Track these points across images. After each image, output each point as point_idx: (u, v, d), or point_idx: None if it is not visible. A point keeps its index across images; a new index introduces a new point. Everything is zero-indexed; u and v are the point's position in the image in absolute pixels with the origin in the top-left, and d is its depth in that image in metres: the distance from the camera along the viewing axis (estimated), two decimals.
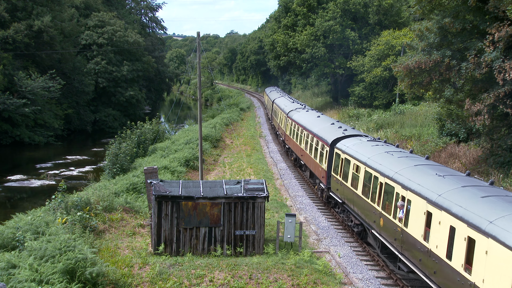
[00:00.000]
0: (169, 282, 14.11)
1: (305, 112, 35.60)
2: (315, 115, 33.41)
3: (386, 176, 16.98)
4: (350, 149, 21.38)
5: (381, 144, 21.15)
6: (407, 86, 26.44)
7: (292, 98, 52.59)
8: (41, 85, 52.15)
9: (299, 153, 32.20)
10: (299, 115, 34.94)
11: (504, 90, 20.50)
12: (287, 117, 38.06)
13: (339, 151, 22.50)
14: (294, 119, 34.50)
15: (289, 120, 36.61)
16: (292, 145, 35.30)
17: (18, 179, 38.09)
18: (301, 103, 44.23)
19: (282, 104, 45.81)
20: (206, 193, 16.56)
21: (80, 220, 17.21)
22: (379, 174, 17.60)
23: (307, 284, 14.75)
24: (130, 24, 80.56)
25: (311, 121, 31.05)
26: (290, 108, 39.54)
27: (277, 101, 50.34)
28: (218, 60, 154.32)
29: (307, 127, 29.83)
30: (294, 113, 36.38)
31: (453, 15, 23.23)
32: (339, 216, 23.29)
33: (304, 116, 33.90)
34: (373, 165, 18.38)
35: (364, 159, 19.38)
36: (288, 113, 38.09)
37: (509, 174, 23.03)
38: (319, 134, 26.52)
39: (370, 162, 18.82)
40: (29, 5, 55.95)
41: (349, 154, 21.18)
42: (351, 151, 21.16)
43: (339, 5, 61.07)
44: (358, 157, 20.09)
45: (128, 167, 30.46)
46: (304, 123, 31.46)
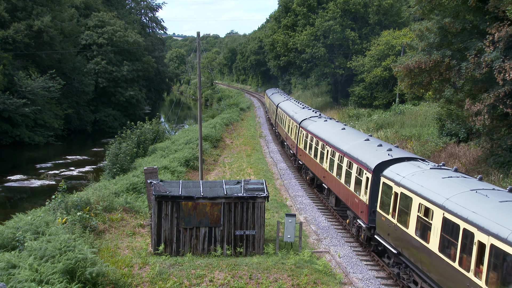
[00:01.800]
0: (169, 282, 14.11)
1: (323, 122, 29.84)
2: (338, 127, 27.71)
3: (496, 237, 10.88)
4: (409, 182, 15.52)
5: (455, 175, 15.15)
6: (407, 86, 26.44)
7: (300, 103, 46.13)
8: (41, 85, 52.14)
9: (320, 173, 26.49)
10: (316, 126, 29.40)
11: (504, 90, 20.50)
12: (299, 127, 32.45)
13: (390, 182, 16.69)
14: (311, 131, 28.99)
15: (303, 132, 31.10)
16: (309, 162, 29.44)
17: (18, 179, 38.09)
18: (314, 110, 37.90)
19: (290, 110, 40.14)
20: (206, 193, 16.56)
21: (80, 220, 17.21)
22: (479, 231, 11.49)
23: (307, 284, 14.75)
24: (130, 24, 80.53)
25: (335, 134, 25.56)
26: (302, 116, 33.88)
27: (283, 106, 44.44)
28: (218, 60, 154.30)
29: (332, 142, 24.30)
30: (309, 123, 30.81)
31: (453, 15, 23.23)
32: (390, 269, 17.32)
33: (324, 127, 28.27)
34: (463, 214, 12.30)
35: (441, 200, 13.41)
36: (301, 122, 32.41)
37: (509, 174, 23.03)
38: (353, 155, 20.81)
39: (455, 207, 12.76)
40: (29, 5, 55.93)
41: (408, 188, 15.25)
42: (412, 184, 15.25)
43: (339, 5, 61.08)
44: (427, 195, 14.15)
45: (128, 167, 30.46)
46: (326, 137, 25.74)
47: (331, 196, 24.61)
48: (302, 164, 31.86)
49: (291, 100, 48.48)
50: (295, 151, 34.20)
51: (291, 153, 36.70)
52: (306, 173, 31.17)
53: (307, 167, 29.83)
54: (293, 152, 35.00)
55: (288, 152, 39.20)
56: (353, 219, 20.83)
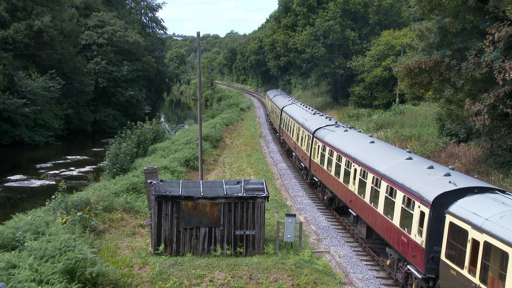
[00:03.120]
0: (169, 282, 14.11)
1: (344, 133, 25.22)
2: (365, 139, 22.87)
3: None
4: (499, 228, 11.23)
5: None
6: (407, 86, 26.44)
7: (308, 107, 40.89)
8: (41, 85, 52.15)
9: (344, 195, 21.84)
10: (335, 137, 24.81)
11: (504, 90, 20.50)
12: (313, 138, 28.00)
13: (464, 224, 12.42)
14: (330, 143, 24.49)
15: (319, 143, 26.64)
16: (327, 180, 24.65)
17: (18, 179, 38.08)
18: (327, 116, 33.51)
19: (298, 115, 35.56)
20: (206, 193, 16.56)
21: (80, 220, 17.22)
22: None
23: (307, 284, 14.75)
24: (130, 24, 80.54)
25: (363, 149, 20.86)
26: (315, 124, 29.40)
27: (289, 111, 40.16)
28: (218, 60, 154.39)
29: (361, 160, 19.76)
30: (325, 133, 26.40)
31: (453, 15, 23.24)
32: None
33: (346, 139, 23.59)
34: None
35: None
36: (316, 132, 27.91)
37: (509, 174, 23.04)
38: (396, 179, 16.28)
39: None
40: (29, 5, 55.94)
41: (501, 239, 10.96)
42: (506, 233, 10.93)
43: (339, 5, 61.08)
44: None
45: (128, 167, 30.46)
46: (352, 152, 21.06)
47: (360, 224, 20.11)
48: (318, 181, 26.82)
49: (297, 104, 44.17)
50: (307, 165, 29.23)
51: (302, 166, 32.03)
52: (323, 191, 26.33)
53: (325, 185, 25.16)
54: (305, 165, 30.46)
55: (298, 164, 34.37)
56: (397, 262, 16.36)
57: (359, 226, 20.32)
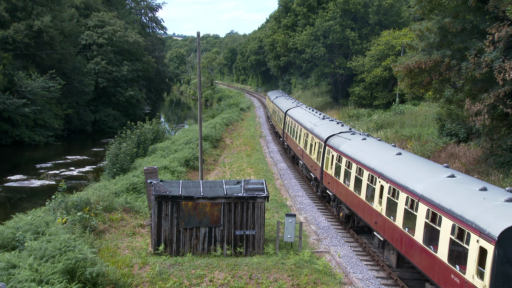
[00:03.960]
0: (169, 282, 14.11)
1: (363, 142, 22.22)
2: (389, 150, 19.89)
3: None
4: None
5: None
6: (407, 86, 26.45)
7: (316, 111, 37.25)
8: (41, 85, 52.17)
9: (366, 215, 19.07)
10: (353, 146, 21.89)
11: (504, 90, 20.51)
12: (325, 146, 25.13)
13: None
14: (347, 154, 21.58)
15: (333, 153, 23.69)
16: (344, 195, 21.79)
17: (18, 179, 38.09)
18: (338, 121, 30.61)
19: (305, 120, 32.47)
20: (206, 193, 16.57)
21: (80, 220, 17.23)
22: None
23: (307, 284, 14.75)
24: (130, 24, 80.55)
25: (390, 163, 18.09)
26: (327, 131, 26.38)
27: (294, 115, 37.11)
28: (218, 60, 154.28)
29: (390, 176, 17.00)
30: (340, 142, 23.37)
31: (453, 15, 23.25)
32: None
33: (366, 150, 20.73)
34: None
35: None
36: (328, 140, 25.02)
37: (509, 174, 23.04)
38: (441, 202, 13.58)
39: None
40: (29, 5, 55.96)
41: None
42: None
43: (339, 5, 61.09)
44: None
45: (128, 167, 30.47)
46: (377, 166, 18.33)
47: (388, 250, 17.41)
48: (332, 195, 23.78)
49: (303, 107, 40.94)
50: (318, 176, 26.45)
51: (311, 177, 28.93)
52: (338, 207, 23.35)
53: (341, 200, 22.32)
54: (315, 176, 27.42)
55: (305, 173, 31.71)
56: None
57: (387, 252, 17.59)
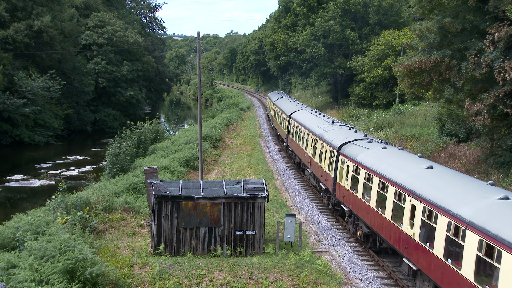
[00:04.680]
0: (169, 282, 14.11)
1: (383, 151, 19.67)
2: (416, 162, 17.37)
3: None
4: None
5: None
6: (407, 86, 26.46)
7: (323, 115, 34.77)
8: (41, 85, 52.15)
9: (392, 237, 16.52)
10: (372, 156, 19.33)
11: (504, 90, 20.51)
12: (339, 156, 22.64)
13: None
14: (367, 166, 18.93)
15: (348, 163, 21.20)
16: (364, 211, 19.06)
17: (18, 179, 38.09)
18: (350, 126, 27.94)
19: (313, 125, 29.95)
20: (206, 193, 16.56)
21: (80, 220, 17.22)
22: None
23: (307, 284, 14.75)
24: (130, 24, 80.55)
25: (420, 177, 15.46)
26: (340, 138, 23.98)
27: (299, 118, 34.52)
28: (218, 60, 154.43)
29: (424, 195, 14.28)
30: (358, 151, 20.73)
31: (453, 15, 23.25)
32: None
33: (389, 160, 18.15)
34: None
35: None
36: (342, 148, 22.55)
37: (509, 174, 23.04)
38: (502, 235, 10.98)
39: None
40: (29, 5, 55.93)
41: None
42: None
43: (339, 5, 61.09)
44: None
45: (128, 167, 30.46)
46: (406, 182, 15.64)
47: (422, 281, 14.80)
48: (348, 211, 21.29)
49: (308, 110, 38.17)
50: (330, 187, 23.86)
51: (322, 188, 26.19)
52: (354, 224, 20.82)
53: (358, 216, 19.70)
54: (326, 187, 24.90)
55: (313, 183, 29.09)
56: None
57: (420, 283, 14.96)
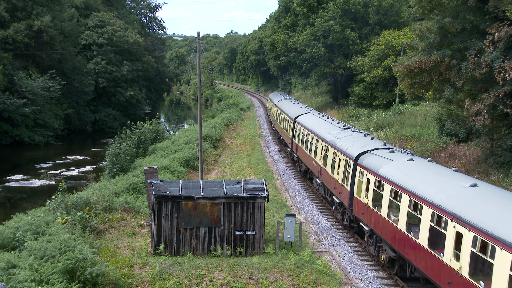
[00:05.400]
0: (169, 282, 14.11)
1: (410, 163, 17.10)
2: (457, 180, 14.44)
3: None
4: None
5: None
6: (407, 86, 26.46)
7: (332, 119, 32.03)
8: (41, 85, 52.15)
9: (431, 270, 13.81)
10: (398, 169, 16.83)
11: (504, 90, 20.51)
12: (357, 167, 20.00)
13: None
14: (393, 181, 16.33)
15: (367, 175, 18.73)
16: (404, 245, 15.52)
17: (18, 179, 38.08)
18: (364, 132, 25.25)
19: (322, 130, 27.32)
20: (206, 193, 16.56)
21: (80, 220, 17.22)
22: None
23: (307, 284, 14.75)
24: (130, 24, 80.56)
25: (462, 198, 13.01)
26: (356, 146, 21.31)
27: (306, 123, 31.78)
28: (218, 60, 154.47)
29: (472, 221, 11.94)
30: (380, 163, 18.19)
31: (453, 15, 23.25)
32: None
33: (420, 176, 15.55)
34: None
35: None
36: (359, 158, 20.07)
37: (509, 174, 23.04)
38: None
39: None
40: (29, 5, 55.93)
41: None
42: None
43: (339, 5, 61.09)
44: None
45: (128, 167, 30.45)
46: (448, 205, 13.04)
47: None
48: (369, 230, 18.48)
49: (315, 113, 35.36)
50: (345, 201, 21.14)
51: (335, 201, 23.39)
52: (377, 246, 18.08)
53: (382, 238, 17.16)
54: (340, 201, 22.31)
55: (325, 195, 26.24)
56: None
57: None
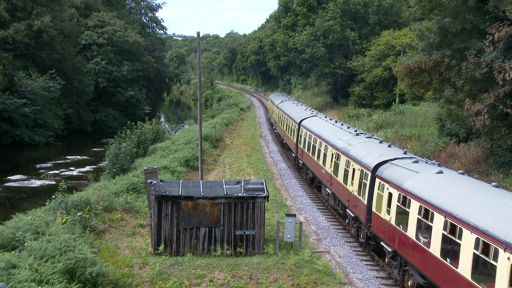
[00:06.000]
0: (169, 282, 14.11)
1: (442, 178, 14.92)
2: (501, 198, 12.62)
3: None
4: None
5: None
6: (407, 86, 26.46)
7: (341, 123, 29.41)
8: (41, 85, 52.15)
9: None
10: (430, 185, 14.64)
11: (504, 90, 20.51)
12: (375, 178, 17.94)
13: None
14: (433, 204, 13.69)
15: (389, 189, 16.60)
16: (437, 271, 13.45)
17: (18, 179, 38.08)
18: (379, 139, 22.70)
19: (332, 136, 25.13)
20: (206, 193, 16.56)
21: (80, 220, 17.22)
22: None
23: (307, 284, 14.75)
24: (130, 24, 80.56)
25: None
26: (373, 155, 19.13)
27: (313, 127, 29.61)
28: (218, 60, 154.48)
29: None
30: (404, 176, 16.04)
31: (453, 15, 23.25)
32: None
33: (469, 198, 13.09)
34: None
35: None
36: (379, 169, 17.98)
37: (509, 174, 23.04)
38: None
39: None
40: (29, 5, 55.92)
41: None
42: None
43: (339, 5, 61.07)
44: None
45: (128, 167, 30.45)
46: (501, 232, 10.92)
47: None
48: (392, 252, 16.37)
49: (322, 117, 32.97)
50: (362, 217, 19.02)
51: (350, 215, 20.70)
52: (402, 270, 16.00)
53: (408, 261, 15.20)
54: (355, 215, 20.01)
55: (336, 207, 23.87)
56: None
57: None
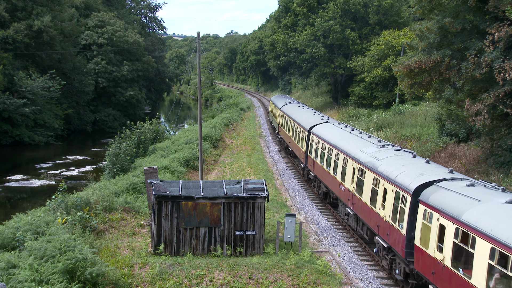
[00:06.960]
0: (169, 282, 14.11)
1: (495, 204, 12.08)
2: None
3: None
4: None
5: None
6: (407, 86, 26.45)
7: (360, 131, 26.55)
8: (41, 85, 52.14)
9: None
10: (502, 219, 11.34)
11: (504, 90, 20.51)
12: (419, 204, 14.61)
13: None
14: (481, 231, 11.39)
15: (446, 222, 12.78)
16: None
17: (18, 179, 38.07)
18: (411, 152, 19.37)
19: (353, 148, 21.82)
20: (206, 193, 16.56)
21: (80, 220, 17.22)
22: None
23: (307, 284, 14.75)
24: (130, 24, 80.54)
25: None
26: (411, 175, 15.93)
27: (326, 135, 26.48)
28: (218, 60, 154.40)
29: None
30: (463, 205, 12.77)
31: (453, 15, 23.25)
32: None
33: None
34: None
35: None
36: (424, 193, 14.63)
37: (509, 174, 23.03)
38: None
39: None
40: (29, 5, 55.92)
41: None
42: None
43: (339, 5, 61.08)
44: None
45: (128, 167, 30.45)
46: None
47: None
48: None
49: (335, 123, 29.64)
50: (399, 249, 15.79)
51: (381, 244, 17.43)
52: None
53: None
54: (388, 245, 16.85)
55: (358, 229, 20.67)
56: None
57: None
